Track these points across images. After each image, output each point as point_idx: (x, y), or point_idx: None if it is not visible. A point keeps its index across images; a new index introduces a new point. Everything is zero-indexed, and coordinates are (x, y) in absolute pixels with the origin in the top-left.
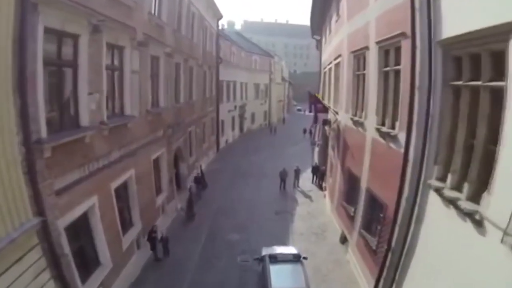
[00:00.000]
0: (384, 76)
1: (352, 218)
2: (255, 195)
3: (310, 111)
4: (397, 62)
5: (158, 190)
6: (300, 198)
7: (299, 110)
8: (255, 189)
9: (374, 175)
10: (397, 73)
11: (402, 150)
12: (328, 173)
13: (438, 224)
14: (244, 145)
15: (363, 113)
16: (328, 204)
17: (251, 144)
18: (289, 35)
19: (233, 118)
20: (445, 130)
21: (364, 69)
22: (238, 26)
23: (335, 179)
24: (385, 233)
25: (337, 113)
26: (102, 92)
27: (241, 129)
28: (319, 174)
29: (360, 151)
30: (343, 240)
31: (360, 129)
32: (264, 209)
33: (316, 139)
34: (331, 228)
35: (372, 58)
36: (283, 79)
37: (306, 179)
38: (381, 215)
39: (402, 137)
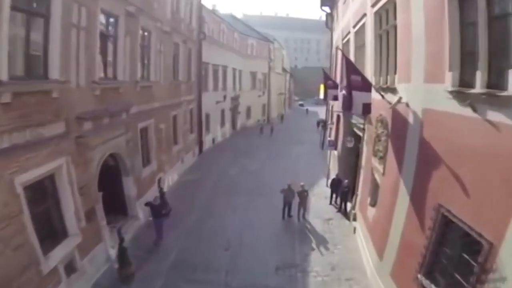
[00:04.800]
0: None
1: None
2: (243, 231)
3: (325, 98)
4: None
5: (57, 237)
6: (314, 235)
7: (301, 105)
8: (244, 218)
9: None
10: None
11: None
12: (361, 194)
13: None
14: (236, 145)
15: None
16: (367, 252)
17: (245, 145)
18: (289, 29)
19: (222, 112)
20: None
21: None
22: None
23: (387, 215)
24: None
25: (389, 90)
26: None
27: (233, 125)
28: (341, 192)
29: (506, 176)
30: None
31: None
32: (257, 260)
33: (331, 137)
34: None
35: None
36: (283, 69)
37: (322, 197)
38: None
39: None
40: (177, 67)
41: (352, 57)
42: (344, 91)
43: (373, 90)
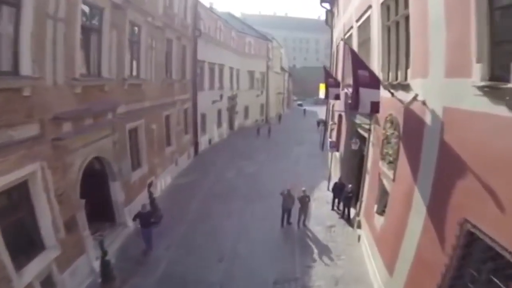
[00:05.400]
0: None
1: None
2: (239, 240)
3: (326, 97)
4: None
5: (32, 250)
6: (316, 245)
7: (299, 105)
8: (240, 225)
9: None
10: None
11: None
12: (366, 201)
13: None
14: (233, 146)
15: None
16: (374, 265)
17: (243, 145)
18: (288, 28)
19: (219, 112)
20: None
21: None
22: None
23: (399, 225)
24: None
25: (401, 87)
26: None
27: (230, 125)
28: (344, 197)
29: None
30: None
31: None
32: (253, 273)
33: (332, 138)
34: None
35: None
36: (282, 69)
37: (323, 202)
38: None
39: None
40: (170, 65)
41: (358, 48)
42: (346, 89)
43: (381, 87)
